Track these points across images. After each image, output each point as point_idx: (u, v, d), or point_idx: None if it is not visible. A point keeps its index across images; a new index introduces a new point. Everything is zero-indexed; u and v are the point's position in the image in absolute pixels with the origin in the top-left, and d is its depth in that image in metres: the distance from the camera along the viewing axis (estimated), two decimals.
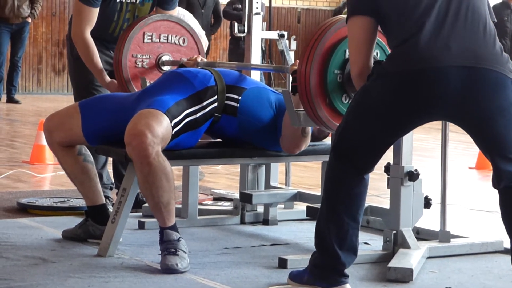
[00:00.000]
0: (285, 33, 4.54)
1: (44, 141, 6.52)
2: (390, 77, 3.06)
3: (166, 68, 4.44)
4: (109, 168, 4.74)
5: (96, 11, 4.40)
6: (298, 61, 3.51)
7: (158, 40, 4.44)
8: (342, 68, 3.44)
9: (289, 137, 3.85)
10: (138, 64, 4.40)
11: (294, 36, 4.60)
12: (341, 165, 3.16)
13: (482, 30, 3.05)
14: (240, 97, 3.88)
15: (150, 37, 4.42)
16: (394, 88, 3.05)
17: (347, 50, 3.38)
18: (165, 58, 4.45)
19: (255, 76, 4.51)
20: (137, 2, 4.49)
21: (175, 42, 4.49)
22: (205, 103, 3.80)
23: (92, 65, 4.41)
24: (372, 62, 3.17)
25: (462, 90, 3.00)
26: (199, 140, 3.90)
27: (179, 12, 5.11)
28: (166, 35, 4.46)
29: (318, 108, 3.44)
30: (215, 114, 3.84)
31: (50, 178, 6.04)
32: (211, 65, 4.17)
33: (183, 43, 4.51)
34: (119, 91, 4.33)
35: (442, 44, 3.00)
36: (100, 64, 4.42)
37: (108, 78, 4.43)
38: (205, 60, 4.35)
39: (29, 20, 11.77)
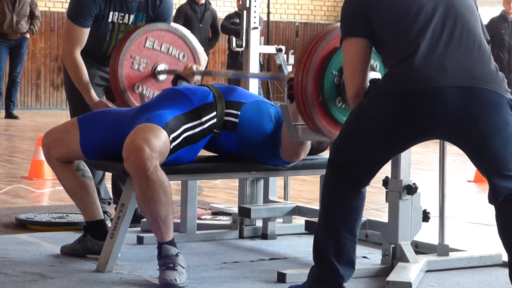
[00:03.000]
0: (283, 47, 4.55)
1: (42, 157, 6.55)
2: (387, 96, 3.05)
3: (161, 77, 4.45)
4: (108, 183, 4.75)
5: (86, 32, 4.41)
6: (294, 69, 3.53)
7: (159, 49, 4.46)
8: (340, 71, 3.45)
9: (289, 146, 3.86)
10: (134, 66, 4.42)
11: (292, 51, 4.61)
12: (337, 178, 3.17)
13: (477, 50, 3.06)
14: (239, 112, 3.88)
15: (152, 44, 4.43)
16: (391, 107, 3.05)
17: None
18: (161, 67, 4.46)
19: (254, 90, 4.52)
20: (130, 23, 4.50)
21: (174, 55, 4.51)
22: (203, 119, 3.81)
23: (80, 84, 4.42)
24: (368, 82, 3.17)
25: (459, 110, 3.00)
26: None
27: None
28: (168, 46, 4.48)
29: (315, 115, 3.45)
30: (214, 130, 3.84)
31: (49, 193, 6.04)
32: (207, 74, 4.18)
33: (183, 58, 4.52)
34: (108, 107, 4.36)
35: (437, 64, 3.00)
36: (88, 83, 4.42)
37: (96, 98, 4.43)
38: (200, 69, 4.36)
39: (28, 35, 11.80)
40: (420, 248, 4.04)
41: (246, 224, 4.53)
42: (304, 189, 6.29)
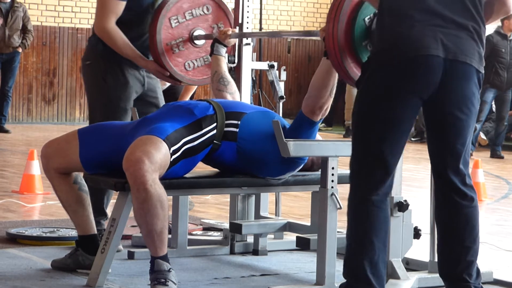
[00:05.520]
0: (275, 64, 4.57)
1: (33, 171, 6.56)
2: (384, 68, 3.21)
3: (200, 42, 4.50)
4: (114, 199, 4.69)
5: (122, 5, 4.33)
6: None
7: (184, 20, 4.48)
8: (374, 14, 3.54)
9: (315, 97, 3.83)
10: (175, 50, 4.45)
11: (284, 67, 4.63)
12: (359, 191, 3.26)
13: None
14: (239, 122, 3.88)
15: (177, 20, 4.45)
16: (390, 76, 3.20)
17: None
18: (197, 33, 4.52)
19: (245, 101, 4.53)
20: None
21: (199, 14, 4.54)
22: (203, 130, 3.80)
23: (127, 50, 4.33)
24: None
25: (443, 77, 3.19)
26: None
27: None
28: (190, 11, 4.50)
29: (347, 65, 3.53)
30: (214, 141, 3.83)
31: (40, 208, 6.02)
32: (243, 36, 4.38)
33: (207, 11, 4.55)
34: (160, 75, 4.39)
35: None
36: (132, 48, 4.34)
37: (145, 58, 4.39)
38: (236, 31, 4.43)
39: (20, 50, 11.80)
40: (411, 265, 4.04)
41: (237, 240, 4.53)
42: (296, 205, 6.29)
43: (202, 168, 4.09)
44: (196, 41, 4.52)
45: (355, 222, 3.27)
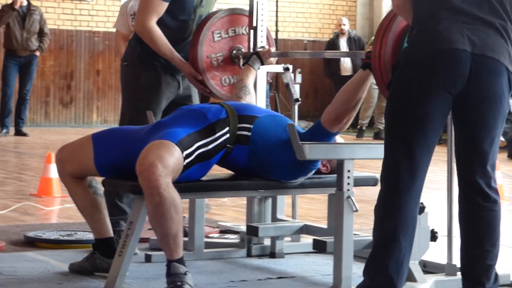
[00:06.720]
0: (290, 67, 4.57)
1: (51, 174, 6.59)
2: (412, 64, 3.22)
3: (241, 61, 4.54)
4: None
5: (165, 5, 4.36)
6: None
7: (227, 36, 4.51)
8: None
9: (338, 108, 3.82)
10: (214, 63, 4.48)
11: (299, 70, 4.63)
12: (389, 188, 3.26)
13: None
14: (252, 126, 3.89)
15: (220, 35, 4.48)
16: (417, 71, 3.20)
17: None
18: (238, 50, 4.54)
19: (261, 106, 4.53)
20: None
21: (242, 33, 4.57)
22: (217, 135, 3.81)
23: (165, 49, 4.36)
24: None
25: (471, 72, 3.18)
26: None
27: None
28: (234, 28, 4.53)
29: None
30: (228, 145, 3.84)
31: (57, 211, 6.05)
32: (284, 55, 4.56)
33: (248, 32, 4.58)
34: (192, 79, 4.41)
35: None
36: (171, 49, 4.37)
37: (182, 59, 4.41)
38: (274, 50, 4.51)
39: (37, 53, 11.86)
40: (428, 268, 4.03)
41: (254, 243, 4.53)
42: (312, 208, 6.29)
43: (217, 171, 4.10)
44: (236, 60, 4.54)
45: (383, 219, 3.26)
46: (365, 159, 3.91)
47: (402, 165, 3.24)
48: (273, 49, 4.50)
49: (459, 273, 3.87)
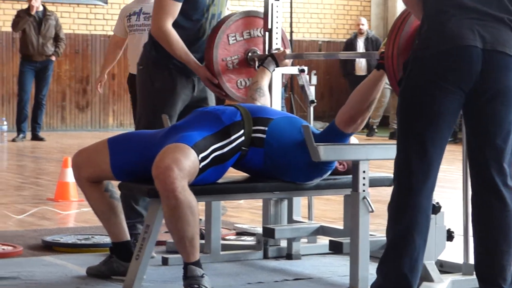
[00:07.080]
0: (306, 68, 4.57)
1: (68, 178, 6.61)
2: (422, 62, 3.21)
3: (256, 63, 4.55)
4: None
5: (178, 6, 4.38)
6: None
7: (242, 38, 4.53)
8: None
9: (352, 108, 3.82)
10: (229, 66, 4.49)
11: (314, 71, 4.63)
12: (402, 186, 3.25)
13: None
14: (266, 128, 3.89)
15: (235, 37, 4.49)
16: (428, 68, 3.20)
17: None
18: (253, 53, 4.55)
19: (277, 107, 4.54)
20: None
21: (257, 35, 4.59)
22: (232, 137, 3.82)
23: (180, 52, 4.38)
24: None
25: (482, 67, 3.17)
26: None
27: None
28: (249, 31, 4.54)
29: None
30: (242, 148, 3.85)
31: (75, 215, 6.08)
32: (299, 57, 4.47)
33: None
34: (208, 82, 4.43)
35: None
36: (187, 50, 4.39)
37: (198, 63, 4.43)
38: (289, 51, 4.50)
39: (53, 58, 11.91)
40: (445, 268, 4.03)
41: (271, 245, 4.53)
42: (328, 209, 6.29)
43: (233, 174, 4.11)
44: (251, 62, 4.55)
45: (396, 217, 3.26)
46: (380, 159, 3.91)
47: (414, 162, 3.23)
48: (288, 51, 4.50)
49: None
